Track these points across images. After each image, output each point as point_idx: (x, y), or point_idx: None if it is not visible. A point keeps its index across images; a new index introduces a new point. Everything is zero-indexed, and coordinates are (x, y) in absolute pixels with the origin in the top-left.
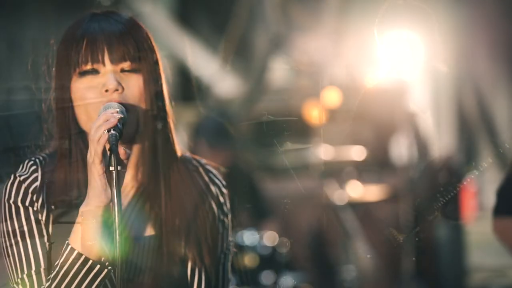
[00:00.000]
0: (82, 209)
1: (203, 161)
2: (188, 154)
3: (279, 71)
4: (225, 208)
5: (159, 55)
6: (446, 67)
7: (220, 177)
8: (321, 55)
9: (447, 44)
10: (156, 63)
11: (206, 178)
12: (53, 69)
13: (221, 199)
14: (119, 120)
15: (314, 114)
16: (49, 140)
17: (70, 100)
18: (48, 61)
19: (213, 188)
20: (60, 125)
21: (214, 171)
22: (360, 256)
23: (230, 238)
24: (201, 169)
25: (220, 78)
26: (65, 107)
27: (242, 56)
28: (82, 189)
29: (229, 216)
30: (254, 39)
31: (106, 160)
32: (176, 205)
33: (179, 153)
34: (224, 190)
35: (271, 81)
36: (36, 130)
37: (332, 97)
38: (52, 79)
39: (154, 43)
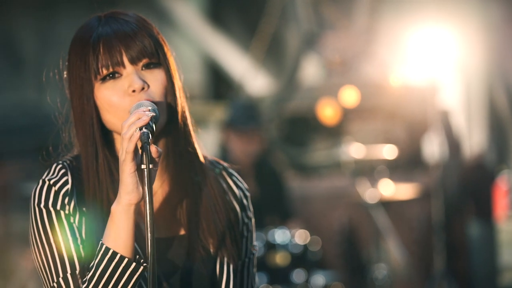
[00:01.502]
0: (113, 207)
1: (226, 164)
2: (210, 157)
3: (310, 69)
4: (248, 212)
5: (170, 48)
6: (478, 64)
7: (243, 181)
8: (353, 53)
9: (479, 42)
10: (170, 56)
11: (230, 181)
12: (69, 80)
13: (245, 202)
14: (151, 118)
15: (328, 112)
16: (69, 147)
17: (95, 107)
18: (61, 72)
19: (237, 191)
20: (84, 131)
21: (236, 174)
22: (391, 254)
23: (254, 242)
24: (224, 172)
25: (251, 77)
26: (89, 114)
27: (274, 54)
28: (110, 191)
29: (253, 220)
30: (286, 38)
31: (137, 158)
32: (201, 207)
33: (201, 154)
34: (247, 193)
35: (302, 79)
36: (59, 132)
37: (350, 96)
38: (68, 90)
39: (163, 37)
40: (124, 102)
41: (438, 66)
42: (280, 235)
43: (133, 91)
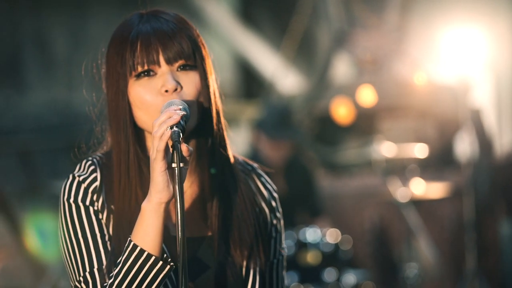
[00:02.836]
0: (144, 205)
1: (255, 165)
2: (240, 157)
3: (341, 68)
4: (277, 213)
5: (208, 50)
6: (508, 63)
7: (271, 182)
8: (384, 52)
9: (509, 41)
10: (207, 58)
11: (259, 183)
12: (106, 74)
13: (273, 203)
14: (182, 117)
15: (342, 112)
16: (101, 141)
17: (128, 103)
18: (99, 67)
19: (265, 192)
20: (118, 126)
21: (265, 175)
22: (423, 253)
23: (283, 244)
24: (253, 173)
25: (282, 75)
26: (123, 109)
27: (305, 53)
28: (139, 188)
29: (282, 222)
30: (317, 36)
31: (168, 157)
32: (229, 208)
33: (232, 155)
34: (275, 195)
35: (333, 78)
36: (90, 130)
37: (367, 95)
38: (105, 84)
39: (203, 39)
40: (156, 101)
41: (469, 65)
42: (311, 234)
43: (166, 91)
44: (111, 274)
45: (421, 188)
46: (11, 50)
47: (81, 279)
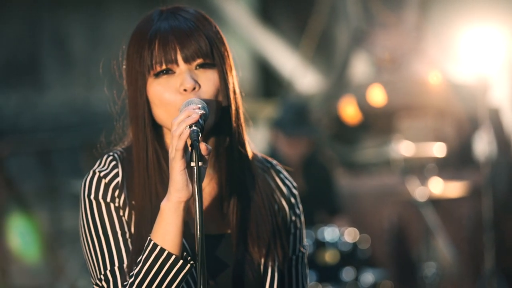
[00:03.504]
0: (163, 204)
1: (274, 162)
2: (259, 154)
3: (360, 67)
4: (297, 210)
5: (228, 47)
6: None
7: (291, 178)
8: (402, 51)
9: None
10: (227, 56)
11: (277, 179)
12: (126, 72)
13: (293, 200)
14: (201, 116)
15: (350, 111)
16: (122, 137)
17: (147, 101)
18: (120, 64)
19: (284, 189)
20: (137, 123)
21: (284, 172)
22: (441, 252)
23: (305, 241)
24: (272, 170)
25: (301, 74)
26: (142, 107)
27: (323, 52)
28: (159, 185)
29: (302, 218)
30: (336, 35)
31: (187, 156)
32: (248, 206)
33: (250, 152)
34: (295, 191)
35: (352, 77)
36: (111, 127)
37: (377, 95)
38: (126, 82)
39: (223, 35)
40: (175, 99)
41: (487, 64)
42: (329, 233)
43: (185, 90)
44: (131, 274)
45: (439, 187)
46: (30, 49)
47: (102, 277)
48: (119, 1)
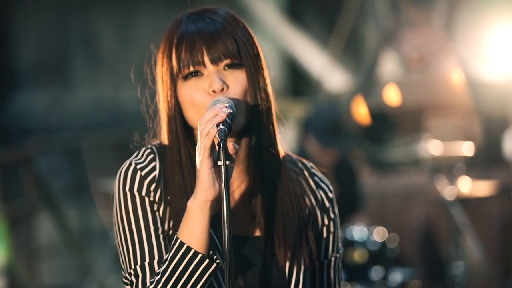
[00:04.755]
0: (190, 202)
1: (309, 164)
2: (293, 155)
3: (388, 66)
4: (331, 213)
5: (259, 46)
6: None
7: (327, 181)
8: (431, 50)
9: None
10: (257, 55)
11: (311, 181)
12: (157, 75)
13: (327, 203)
14: (228, 115)
15: (362, 111)
16: (156, 136)
17: (178, 104)
18: (152, 68)
19: (317, 192)
20: (169, 126)
21: (319, 174)
22: (470, 252)
23: (340, 245)
24: (306, 172)
25: (329, 73)
26: (173, 110)
27: (352, 51)
28: (189, 187)
29: (337, 222)
30: (364, 34)
31: (214, 155)
32: (278, 210)
33: (282, 152)
34: (331, 195)
35: (380, 76)
36: (140, 126)
37: (392, 95)
38: (157, 85)
39: (253, 35)
40: (205, 101)
41: None
42: (358, 232)
43: (213, 91)
44: (158, 271)
45: (468, 186)
46: (58, 48)
47: (132, 271)
48: (148, 0)
